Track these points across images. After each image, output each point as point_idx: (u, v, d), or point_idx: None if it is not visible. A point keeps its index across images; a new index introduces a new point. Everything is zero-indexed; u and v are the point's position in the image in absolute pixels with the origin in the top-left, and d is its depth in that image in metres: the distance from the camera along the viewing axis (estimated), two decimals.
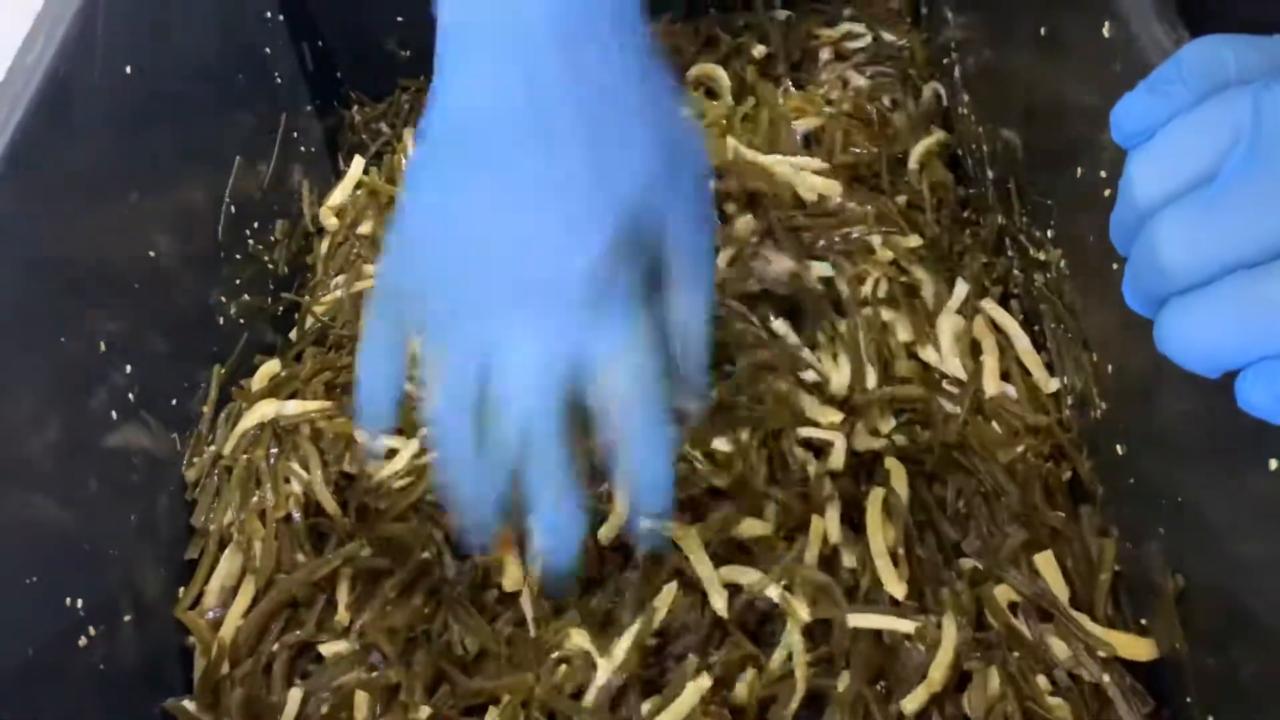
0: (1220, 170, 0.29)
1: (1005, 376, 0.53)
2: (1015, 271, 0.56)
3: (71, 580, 0.44)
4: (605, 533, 0.47)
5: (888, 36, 0.70)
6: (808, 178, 0.61)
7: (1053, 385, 0.51)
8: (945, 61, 0.66)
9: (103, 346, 0.48)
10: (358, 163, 0.70)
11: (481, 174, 0.37)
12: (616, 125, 0.37)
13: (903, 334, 0.54)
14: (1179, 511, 0.40)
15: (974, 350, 0.54)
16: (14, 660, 0.40)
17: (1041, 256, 0.52)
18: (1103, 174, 0.44)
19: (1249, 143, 0.28)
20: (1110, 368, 0.45)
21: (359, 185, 0.69)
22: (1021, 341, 0.53)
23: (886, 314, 0.55)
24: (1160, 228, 0.30)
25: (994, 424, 0.51)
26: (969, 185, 0.63)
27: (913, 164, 0.63)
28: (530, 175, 0.37)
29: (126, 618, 0.47)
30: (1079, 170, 0.46)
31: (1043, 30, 0.49)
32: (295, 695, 0.47)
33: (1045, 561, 0.46)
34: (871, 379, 0.52)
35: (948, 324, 0.54)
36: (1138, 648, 0.43)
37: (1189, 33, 0.38)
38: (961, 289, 0.56)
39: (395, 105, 0.75)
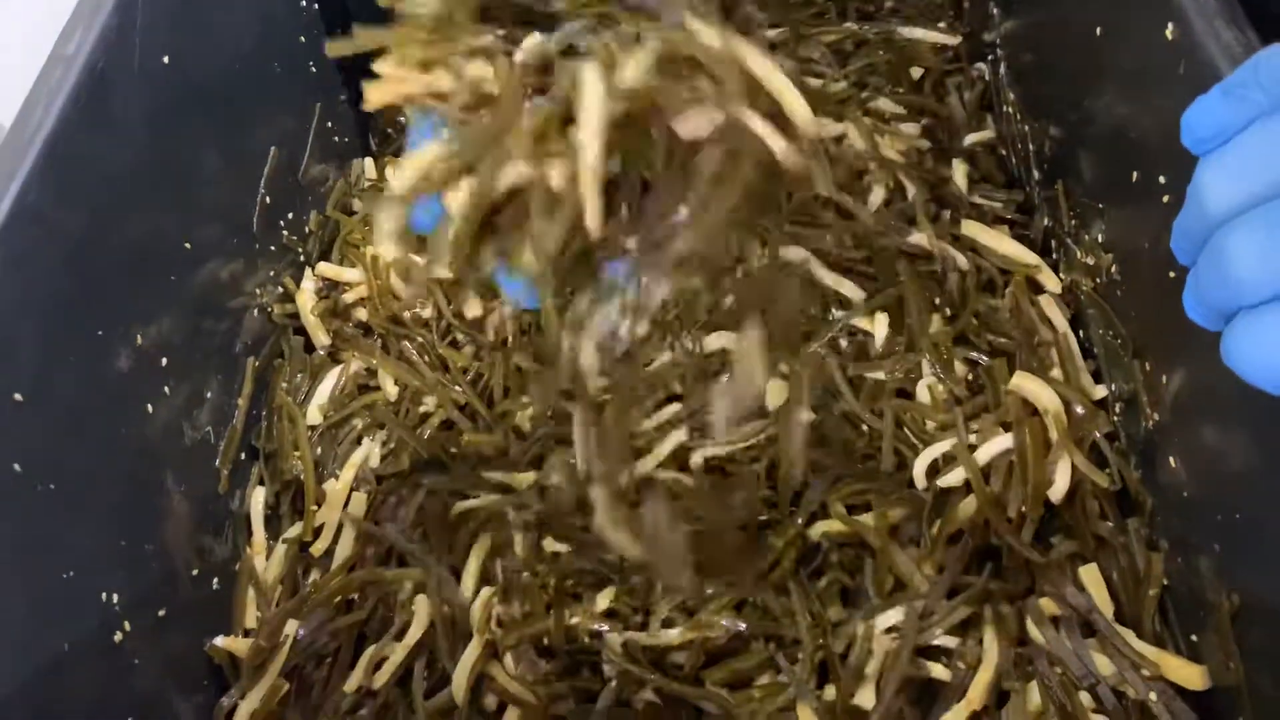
0: None
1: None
2: (1060, 275, 0.55)
3: (107, 576, 0.44)
4: None
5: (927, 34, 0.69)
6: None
7: (1099, 392, 0.50)
8: (990, 58, 0.65)
9: (139, 339, 0.48)
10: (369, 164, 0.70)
11: None
12: None
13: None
14: (1235, 528, 0.39)
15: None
16: (51, 654, 0.40)
17: (1090, 261, 0.51)
18: (1161, 179, 0.42)
19: None
20: (1165, 378, 0.44)
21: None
22: (1069, 344, 0.52)
23: None
24: (1232, 238, 0.29)
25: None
26: (1011, 185, 0.62)
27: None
28: None
29: (160, 613, 0.47)
30: (1134, 175, 0.45)
31: (1099, 30, 0.48)
32: None
33: (1090, 575, 0.45)
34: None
35: None
36: (1189, 674, 0.42)
37: (1259, 38, 0.37)
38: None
39: None
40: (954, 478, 0.48)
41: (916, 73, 0.67)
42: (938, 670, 0.44)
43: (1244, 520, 0.39)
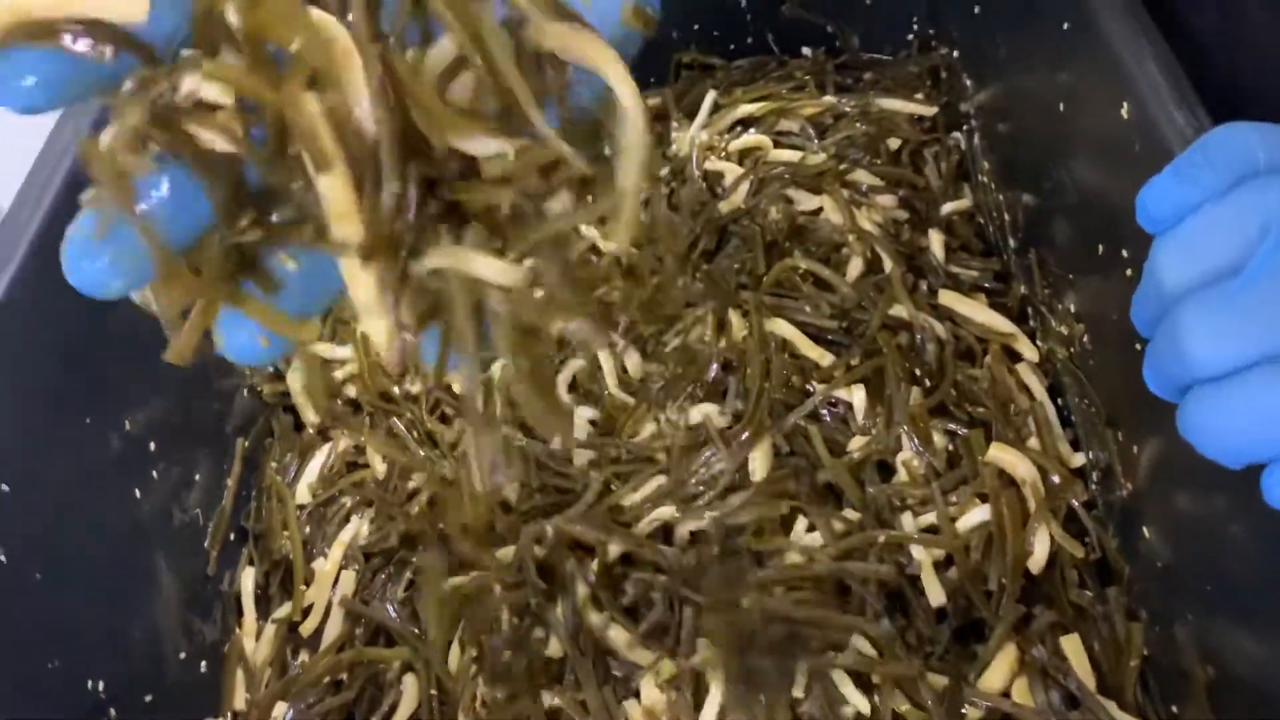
0: (1248, 261, 0.29)
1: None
2: (1038, 343, 0.55)
3: (93, 663, 0.44)
4: None
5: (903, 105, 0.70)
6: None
7: (1077, 460, 0.51)
8: (966, 128, 0.66)
9: (128, 424, 0.48)
10: None
11: None
12: None
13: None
14: (1210, 598, 0.40)
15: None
16: None
17: (1064, 330, 0.51)
18: (1124, 253, 0.43)
19: (1279, 235, 0.28)
20: (1136, 447, 0.45)
21: None
22: (1046, 412, 0.53)
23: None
24: (1185, 316, 0.30)
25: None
26: (989, 253, 0.63)
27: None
28: None
29: (148, 698, 0.47)
30: (1100, 247, 0.46)
31: (1062, 106, 0.49)
32: None
33: (1072, 645, 0.45)
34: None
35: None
36: None
37: (1210, 118, 0.38)
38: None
39: None
40: (933, 553, 0.49)
41: (894, 143, 0.68)
42: None
43: (1218, 590, 0.39)
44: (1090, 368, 0.49)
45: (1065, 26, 0.48)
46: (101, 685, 0.44)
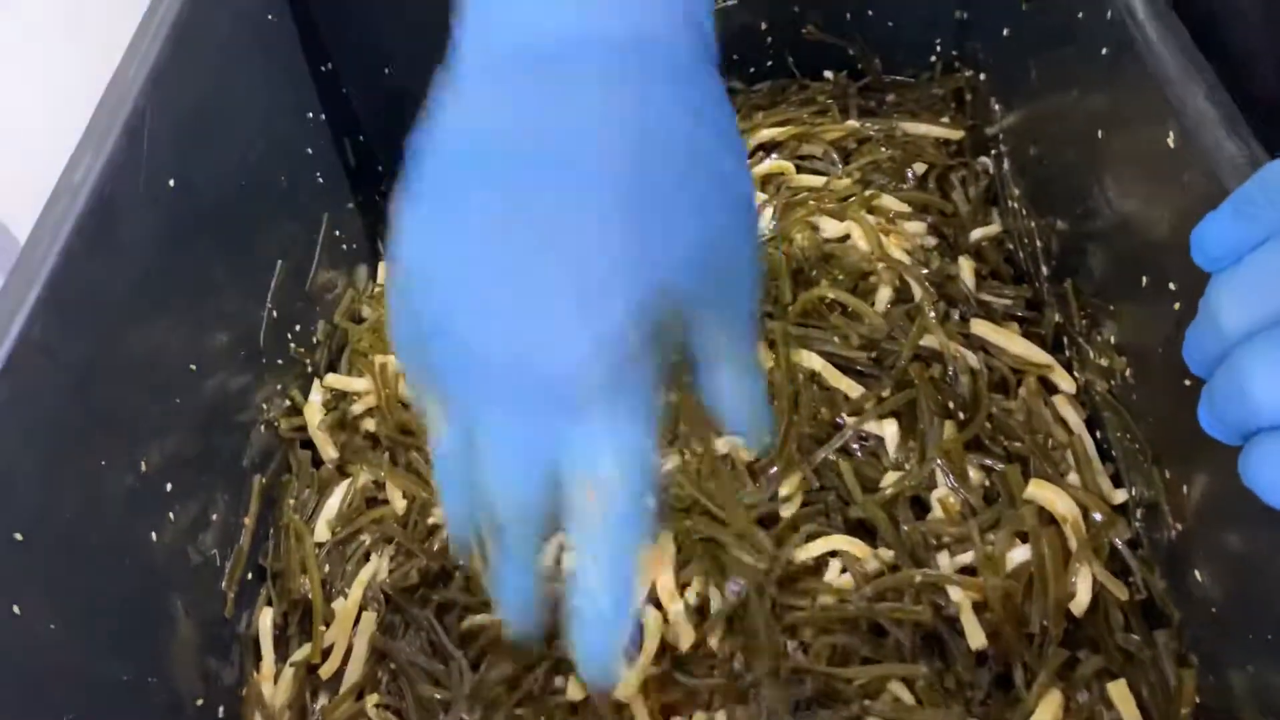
0: None
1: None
2: (1074, 375, 0.54)
3: (110, 714, 0.43)
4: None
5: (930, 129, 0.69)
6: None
7: (1119, 496, 0.49)
8: (994, 152, 0.65)
9: (143, 465, 0.47)
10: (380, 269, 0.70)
11: (490, 210, 0.31)
12: (658, 179, 0.30)
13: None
14: (1269, 647, 0.38)
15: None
16: None
17: (1104, 362, 0.50)
18: (1172, 286, 0.42)
19: None
20: (1185, 487, 0.43)
21: None
22: (1085, 446, 0.51)
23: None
24: (1248, 360, 0.28)
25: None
26: (1020, 280, 0.61)
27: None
28: (546, 226, 0.30)
29: None
30: (1143, 279, 0.45)
31: (1100, 132, 0.48)
32: None
33: (1119, 691, 0.44)
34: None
35: None
36: None
37: (1264, 149, 0.37)
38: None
39: None
40: (971, 595, 0.47)
41: (920, 168, 0.67)
42: None
43: (1277, 639, 0.37)
44: (1133, 402, 0.48)
45: (1104, 51, 0.46)
46: None
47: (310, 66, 0.67)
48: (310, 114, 0.67)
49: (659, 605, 0.49)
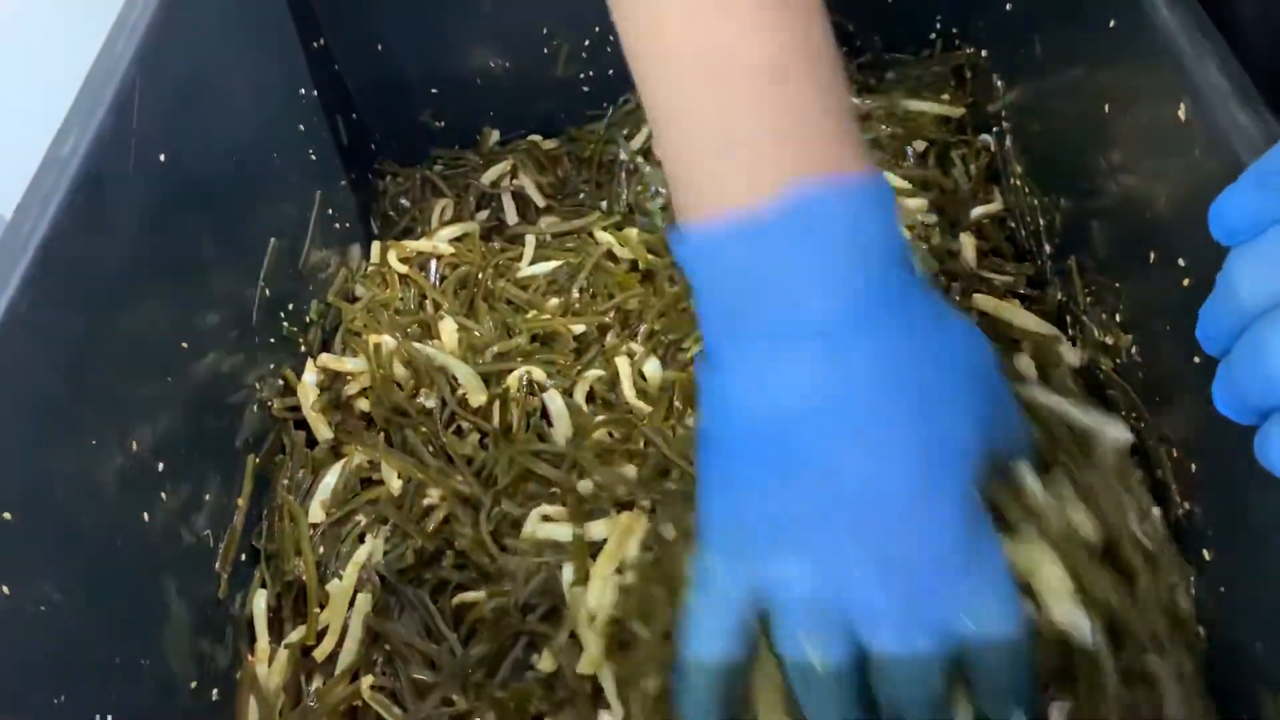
0: None
1: None
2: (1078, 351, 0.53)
3: (102, 696, 0.42)
4: None
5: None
6: None
7: None
8: (995, 130, 0.64)
9: (135, 444, 0.46)
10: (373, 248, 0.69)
11: (805, 480, 0.36)
12: (941, 413, 0.37)
13: None
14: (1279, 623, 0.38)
15: None
16: None
17: (1109, 340, 0.49)
18: (1181, 262, 0.41)
19: None
20: (1194, 466, 0.43)
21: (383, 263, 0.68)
22: None
23: None
24: (1270, 335, 0.28)
25: None
26: (1021, 258, 0.61)
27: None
28: (859, 480, 0.36)
29: None
30: (1152, 255, 0.44)
31: (1107, 107, 0.47)
32: None
33: None
34: None
35: None
36: None
37: (1278, 121, 0.36)
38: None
39: (421, 177, 0.74)
40: None
41: (920, 145, 0.66)
42: None
43: None
44: (1139, 380, 0.47)
45: (1112, 24, 0.45)
46: (110, 719, 0.42)
47: (303, 42, 0.66)
48: (303, 90, 0.66)
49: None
